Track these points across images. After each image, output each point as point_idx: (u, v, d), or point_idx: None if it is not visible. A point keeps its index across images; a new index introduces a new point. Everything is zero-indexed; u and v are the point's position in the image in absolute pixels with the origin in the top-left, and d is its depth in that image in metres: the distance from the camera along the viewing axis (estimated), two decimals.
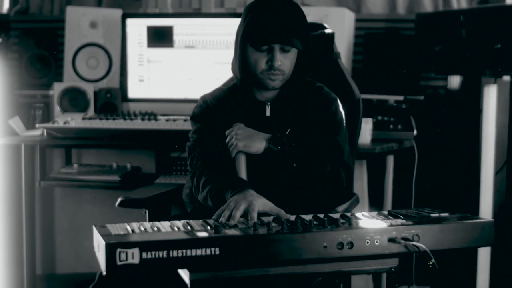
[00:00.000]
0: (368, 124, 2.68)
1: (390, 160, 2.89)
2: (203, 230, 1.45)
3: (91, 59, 3.25)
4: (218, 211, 1.67)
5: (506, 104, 2.88)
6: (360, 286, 3.04)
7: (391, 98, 3.02)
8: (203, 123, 1.98)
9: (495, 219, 1.59)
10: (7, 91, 3.32)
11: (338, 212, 1.80)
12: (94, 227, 1.48)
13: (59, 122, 2.81)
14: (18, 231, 3.11)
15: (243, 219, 1.62)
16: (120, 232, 1.43)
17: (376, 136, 2.74)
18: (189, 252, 1.35)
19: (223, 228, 1.49)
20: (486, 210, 2.82)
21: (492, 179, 2.83)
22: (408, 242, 1.48)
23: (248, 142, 1.85)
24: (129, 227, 1.48)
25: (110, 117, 2.83)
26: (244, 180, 1.83)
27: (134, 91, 3.16)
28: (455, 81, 3.04)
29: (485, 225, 1.56)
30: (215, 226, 1.45)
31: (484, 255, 2.83)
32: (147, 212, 2.14)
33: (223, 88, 2.07)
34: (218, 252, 1.37)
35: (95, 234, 1.45)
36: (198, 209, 2.04)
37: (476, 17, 2.83)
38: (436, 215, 1.63)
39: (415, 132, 2.84)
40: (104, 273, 1.33)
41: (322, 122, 1.94)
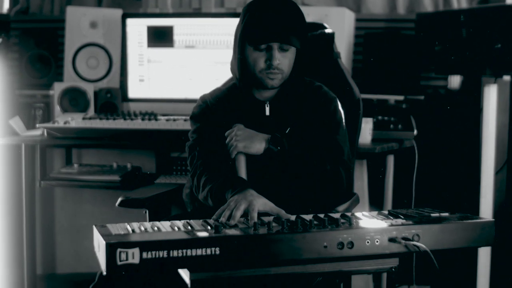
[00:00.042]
0: (368, 124, 2.68)
1: (391, 160, 2.89)
2: (204, 230, 1.45)
3: (91, 59, 3.25)
4: (218, 211, 1.67)
5: (506, 104, 2.88)
6: (360, 286, 3.04)
7: (391, 98, 3.02)
8: (203, 123, 1.98)
9: (495, 219, 1.59)
10: (8, 91, 3.32)
11: (339, 212, 1.80)
12: (94, 227, 1.47)
13: (59, 122, 2.81)
14: (18, 231, 3.11)
15: (243, 219, 1.61)
16: (120, 232, 1.43)
17: (376, 136, 2.74)
18: (189, 252, 1.35)
19: (224, 228, 1.49)
20: (486, 210, 2.82)
21: (492, 179, 2.83)
22: (408, 242, 1.48)
23: (248, 143, 1.85)
24: (129, 227, 1.48)
25: (110, 117, 2.83)
26: (244, 179, 1.83)
27: (134, 91, 3.16)
28: (455, 81, 3.04)
29: (485, 225, 1.56)
30: (215, 226, 1.45)
31: (484, 255, 2.83)
32: (147, 212, 2.14)
33: (222, 88, 2.07)
34: (218, 252, 1.37)
35: (96, 234, 1.45)
36: (198, 209, 2.04)
37: (476, 17, 2.83)
38: (437, 215, 1.63)
39: (415, 132, 2.84)
40: (105, 273, 1.33)
41: (322, 122, 1.94)
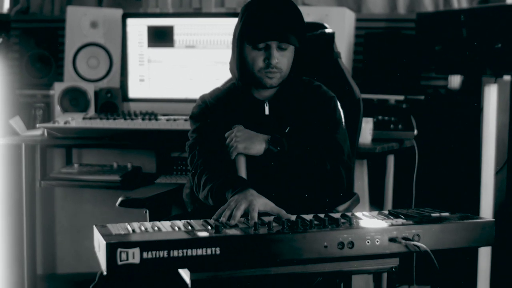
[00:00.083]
0: (368, 124, 2.68)
1: (391, 160, 2.89)
2: (204, 230, 1.45)
3: (92, 59, 3.25)
4: (219, 211, 1.67)
5: (507, 104, 2.88)
6: (360, 286, 3.04)
7: (392, 98, 3.02)
8: (203, 122, 1.98)
9: (495, 219, 1.59)
10: (8, 91, 3.32)
11: (339, 212, 1.80)
12: (94, 227, 1.47)
13: (60, 122, 2.81)
14: (18, 231, 3.11)
15: (243, 219, 1.61)
16: (120, 232, 1.43)
17: (376, 135, 2.74)
18: (189, 252, 1.35)
19: (224, 228, 1.49)
20: (486, 210, 2.82)
21: (492, 178, 2.83)
22: (408, 242, 1.48)
23: (248, 144, 1.85)
24: (129, 227, 1.48)
25: (111, 117, 2.83)
26: (244, 179, 1.82)
27: (135, 91, 3.16)
28: (455, 80, 3.04)
29: (485, 224, 1.56)
30: (215, 226, 1.45)
31: (484, 254, 2.83)
32: (147, 212, 2.14)
33: (221, 88, 2.07)
34: (218, 252, 1.37)
35: (96, 234, 1.45)
36: (198, 209, 2.04)
37: (476, 16, 2.83)
38: (437, 214, 1.63)
39: (416, 131, 2.84)
40: (105, 273, 1.33)
41: (321, 121, 1.94)
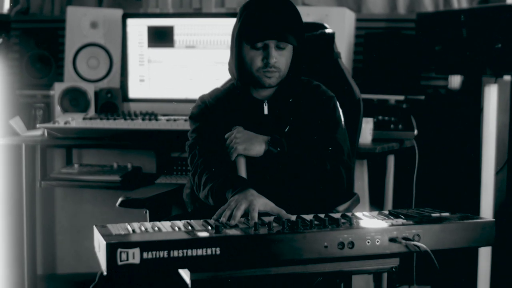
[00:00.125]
0: (368, 124, 2.68)
1: (391, 160, 2.89)
2: (204, 230, 1.45)
3: (92, 59, 3.25)
4: (219, 211, 1.67)
5: (507, 104, 2.88)
6: (360, 286, 3.04)
7: (392, 98, 3.02)
8: (202, 122, 1.98)
9: (495, 219, 1.59)
10: (8, 91, 3.32)
11: (339, 212, 1.80)
12: (94, 227, 1.47)
13: (60, 122, 2.81)
14: (19, 231, 3.11)
15: (243, 219, 1.61)
16: (120, 232, 1.43)
17: (376, 136, 2.74)
18: (190, 252, 1.35)
19: (224, 228, 1.49)
20: (486, 210, 2.82)
21: (492, 178, 2.82)
22: (409, 242, 1.48)
23: (247, 145, 1.85)
24: (129, 227, 1.48)
25: (111, 117, 2.83)
26: (245, 179, 1.82)
27: (135, 91, 3.16)
28: (455, 80, 3.04)
29: (485, 225, 1.56)
30: (215, 226, 1.45)
31: (484, 255, 2.83)
32: (147, 212, 2.14)
33: (221, 88, 2.08)
34: (219, 252, 1.37)
35: (96, 234, 1.45)
36: (198, 209, 2.04)
37: (476, 16, 2.83)
38: (437, 214, 1.63)
39: (416, 131, 2.84)
40: (105, 273, 1.33)
41: (321, 120, 1.94)
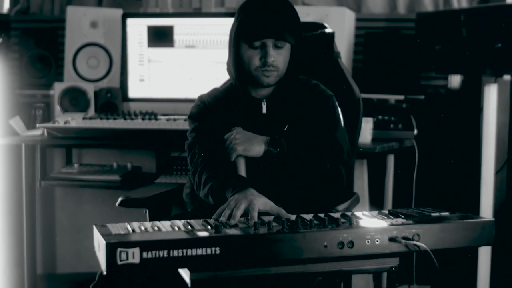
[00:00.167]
0: (368, 124, 2.68)
1: (391, 160, 2.89)
2: (204, 230, 1.45)
3: (92, 59, 3.25)
4: (219, 210, 1.67)
5: (507, 103, 2.88)
6: (360, 285, 3.04)
7: (392, 98, 3.02)
8: (202, 122, 1.99)
9: (495, 219, 1.59)
10: (8, 91, 3.33)
11: (339, 212, 1.80)
12: (94, 226, 1.47)
13: (60, 122, 2.81)
14: (18, 231, 3.11)
15: (243, 218, 1.61)
16: (120, 231, 1.43)
17: (376, 135, 2.74)
18: (189, 252, 1.35)
19: (224, 227, 1.49)
20: (486, 210, 2.82)
21: (492, 178, 2.83)
22: (408, 242, 1.48)
23: (247, 146, 1.85)
24: (129, 226, 1.48)
25: (111, 116, 2.83)
26: (245, 178, 1.82)
27: (135, 90, 3.16)
28: (455, 80, 3.04)
29: (485, 224, 1.56)
30: (215, 225, 1.45)
31: (484, 254, 2.83)
32: (147, 211, 2.13)
33: (220, 88, 2.08)
34: (218, 251, 1.37)
35: (96, 233, 1.45)
36: (198, 208, 2.04)
37: (476, 16, 2.83)
38: (437, 214, 1.63)
39: (416, 131, 2.84)
40: (105, 272, 1.33)
41: (320, 119, 1.94)
